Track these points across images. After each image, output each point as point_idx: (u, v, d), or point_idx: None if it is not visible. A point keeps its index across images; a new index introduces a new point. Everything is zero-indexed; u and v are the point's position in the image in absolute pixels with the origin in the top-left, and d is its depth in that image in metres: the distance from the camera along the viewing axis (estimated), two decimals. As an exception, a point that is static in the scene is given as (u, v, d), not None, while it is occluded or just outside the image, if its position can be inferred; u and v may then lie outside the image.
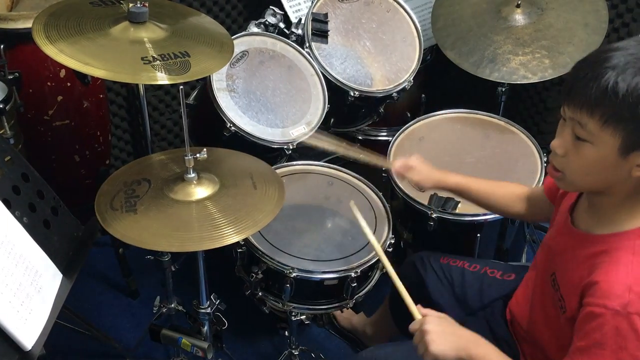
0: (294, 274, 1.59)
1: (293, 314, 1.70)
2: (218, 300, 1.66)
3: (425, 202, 1.79)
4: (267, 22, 2.04)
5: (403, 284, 1.64)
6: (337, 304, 1.71)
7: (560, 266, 1.20)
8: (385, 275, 1.35)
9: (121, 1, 1.55)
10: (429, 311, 1.23)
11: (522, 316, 1.38)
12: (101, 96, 2.08)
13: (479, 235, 1.78)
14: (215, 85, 1.85)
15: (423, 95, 2.51)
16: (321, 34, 2.04)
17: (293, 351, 1.85)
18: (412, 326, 1.21)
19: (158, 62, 1.38)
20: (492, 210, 1.55)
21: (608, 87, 0.99)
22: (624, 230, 1.09)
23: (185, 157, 1.40)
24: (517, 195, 1.48)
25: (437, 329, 1.17)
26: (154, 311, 1.84)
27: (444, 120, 2.04)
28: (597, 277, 1.06)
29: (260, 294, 1.71)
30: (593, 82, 1.00)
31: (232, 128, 1.81)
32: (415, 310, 1.23)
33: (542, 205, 1.40)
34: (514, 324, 1.41)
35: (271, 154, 1.88)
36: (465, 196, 1.54)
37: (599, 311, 1.05)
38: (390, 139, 2.01)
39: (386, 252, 1.70)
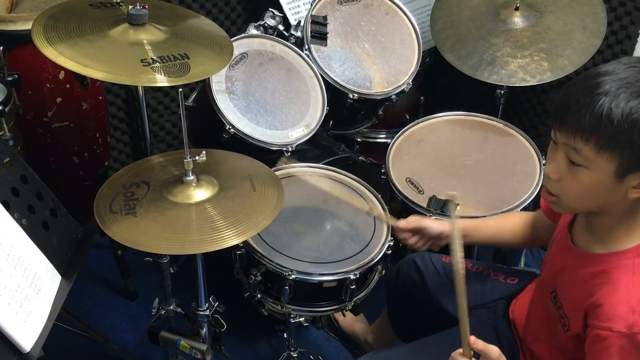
0: (293, 276, 1.59)
1: (292, 316, 1.70)
2: (217, 302, 1.66)
3: (424, 205, 1.79)
4: (266, 24, 2.05)
5: (402, 280, 1.65)
6: (336, 306, 1.71)
7: (560, 284, 1.21)
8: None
9: (120, 3, 1.55)
10: (485, 347, 1.15)
11: (520, 321, 1.38)
12: (100, 98, 2.08)
13: (477, 238, 1.78)
14: (215, 87, 1.85)
15: (422, 98, 2.51)
16: (320, 36, 2.05)
17: (292, 353, 1.85)
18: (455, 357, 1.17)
19: (157, 64, 1.38)
20: (502, 245, 1.54)
21: (602, 113, 0.99)
22: (623, 249, 1.10)
23: (185, 160, 1.40)
24: (522, 226, 1.47)
25: None
26: (153, 313, 1.84)
27: (442, 122, 2.05)
28: (600, 300, 1.07)
29: (259, 296, 1.71)
30: (586, 109, 1.00)
31: (231, 130, 1.81)
32: (466, 342, 1.17)
33: (546, 228, 1.39)
34: (515, 324, 1.41)
35: (270, 156, 1.88)
36: (474, 239, 1.51)
37: (605, 334, 1.06)
38: (389, 141, 2.01)
39: (385, 255, 1.71)
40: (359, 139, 2.39)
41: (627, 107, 0.98)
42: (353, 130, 2.30)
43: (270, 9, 2.07)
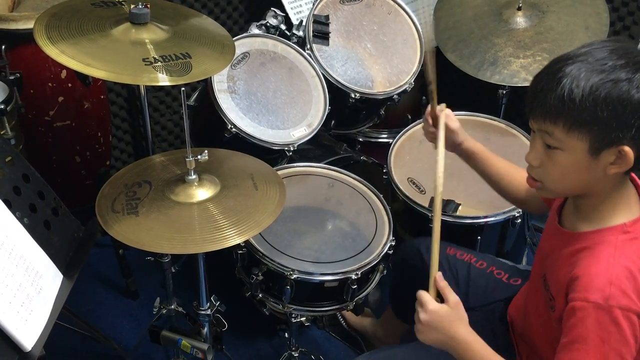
0: (294, 276, 1.59)
1: (293, 315, 1.70)
2: (218, 302, 1.66)
3: (426, 205, 1.79)
4: (268, 24, 2.05)
5: (406, 266, 1.64)
6: (337, 306, 1.71)
7: (549, 267, 1.22)
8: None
9: (123, 2, 1.55)
10: (444, 288, 1.20)
11: (518, 318, 1.38)
12: (102, 97, 2.08)
13: (479, 237, 1.78)
14: (216, 86, 1.85)
15: (424, 98, 2.50)
16: (322, 36, 2.05)
17: (293, 353, 1.85)
18: (418, 298, 1.21)
19: (159, 64, 1.38)
20: (498, 190, 1.52)
21: (565, 95, 1.03)
22: (607, 226, 1.12)
23: (187, 159, 1.40)
24: (520, 181, 1.45)
25: (431, 323, 1.18)
26: (154, 312, 1.84)
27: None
28: (579, 272, 1.09)
29: (260, 295, 1.71)
30: (551, 92, 1.05)
31: (233, 129, 1.81)
32: (433, 282, 1.22)
33: (539, 201, 1.41)
34: (513, 325, 1.41)
35: (272, 155, 1.88)
36: (481, 166, 1.50)
37: (580, 305, 1.06)
38: (391, 141, 2.00)
39: (386, 255, 1.71)
40: (360, 139, 2.39)
41: (588, 86, 1.01)
42: (355, 130, 2.29)
43: (272, 9, 2.07)
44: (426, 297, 1.20)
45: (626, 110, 1.01)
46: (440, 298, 1.21)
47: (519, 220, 1.78)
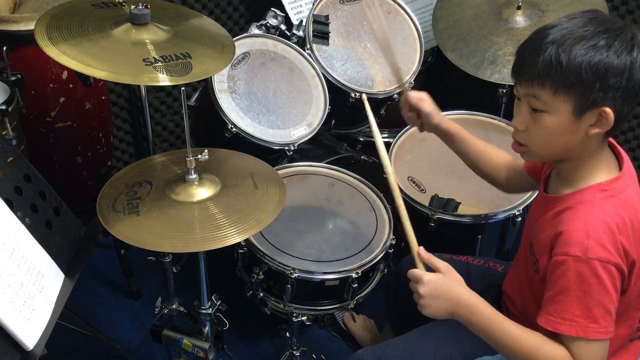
0: (295, 275, 1.59)
1: (294, 314, 1.71)
2: (219, 301, 1.66)
3: (426, 204, 1.79)
4: (268, 24, 2.05)
5: (401, 282, 1.64)
6: (338, 305, 1.72)
7: (534, 233, 1.26)
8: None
9: (123, 3, 1.56)
10: (430, 258, 1.24)
11: (514, 294, 1.40)
12: (103, 98, 2.09)
13: (479, 236, 1.78)
14: (217, 86, 1.86)
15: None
16: (322, 36, 2.05)
17: (294, 352, 1.85)
18: (410, 277, 1.22)
19: (160, 64, 1.39)
20: (475, 170, 1.56)
21: (552, 58, 1.09)
22: (586, 186, 1.17)
23: (187, 158, 1.41)
24: (503, 163, 1.51)
25: (432, 293, 1.20)
26: (156, 312, 1.84)
27: (444, 121, 2.04)
28: (560, 228, 1.14)
29: (261, 294, 1.72)
30: (538, 57, 1.11)
31: (233, 129, 1.82)
32: (418, 258, 1.25)
33: (521, 179, 1.46)
34: (507, 304, 1.42)
35: (272, 155, 1.89)
36: (459, 146, 1.54)
37: (562, 259, 1.12)
38: (391, 140, 2.01)
39: (387, 253, 1.71)
40: (361, 138, 2.39)
41: (573, 51, 1.08)
42: (355, 130, 2.30)
43: (272, 9, 2.07)
44: (418, 272, 1.22)
45: (607, 73, 1.08)
46: (430, 271, 1.23)
47: (520, 219, 1.79)
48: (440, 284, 1.21)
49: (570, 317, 1.11)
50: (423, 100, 1.52)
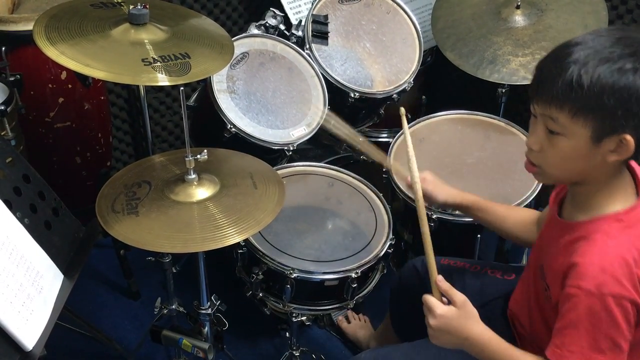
0: (295, 275, 1.59)
1: (294, 314, 1.70)
2: (219, 301, 1.66)
3: (426, 203, 1.79)
4: (267, 24, 2.05)
5: (404, 286, 1.65)
6: (337, 305, 1.71)
7: (545, 257, 1.23)
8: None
9: (122, 3, 1.56)
10: (449, 289, 1.20)
11: (522, 315, 1.38)
12: (102, 98, 2.09)
13: (479, 236, 1.78)
14: (216, 86, 1.85)
15: (423, 97, 2.51)
16: (321, 36, 2.05)
17: (294, 352, 1.85)
18: (424, 303, 1.20)
19: (158, 64, 1.39)
20: (502, 234, 1.53)
21: (573, 80, 1.03)
22: (602, 214, 1.13)
23: (186, 158, 1.41)
24: (529, 221, 1.47)
25: (442, 327, 1.18)
26: (155, 312, 1.84)
27: (444, 121, 2.05)
28: (575, 260, 1.10)
29: (260, 294, 1.72)
30: (558, 78, 1.05)
31: (233, 129, 1.82)
32: (435, 286, 1.21)
33: None
34: (515, 322, 1.41)
35: (271, 155, 1.89)
36: (479, 215, 1.52)
37: (573, 292, 1.08)
38: (390, 140, 2.01)
39: (386, 253, 1.71)
40: (360, 138, 2.38)
41: (596, 73, 1.02)
42: (354, 129, 2.29)
43: (271, 9, 2.07)
44: (432, 302, 1.19)
45: (631, 99, 1.02)
46: (446, 300, 1.21)
47: (519, 219, 1.78)
48: (453, 319, 1.18)
49: (577, 349, 1.09)
50: (425, 180, 1.49)
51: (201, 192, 1.42)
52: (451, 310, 1.18)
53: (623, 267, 1.06)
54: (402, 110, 1.53)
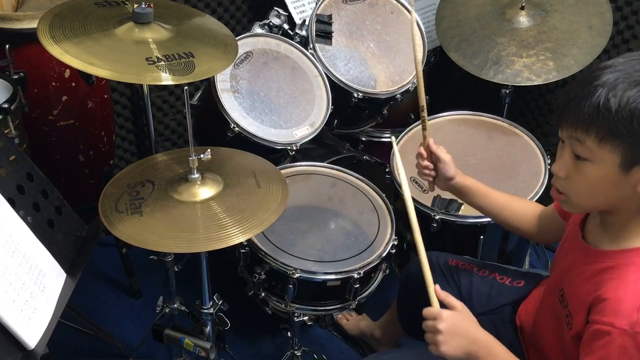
0: (297, 275, 1.59)
1: (296, 314, 1.70)
2: (221, 301, 1.66)
3: (429, 204, 1.79)
4: (271, 23, 2.05)
5: (412, 280, 1.64)
6: (339, 305, 1.71)
7: (568, 282, 1.19)
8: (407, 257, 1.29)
9: (126, 2, 1.56)
10: (446, 296, 1.20)
11: (528, 324, 1.38)
12: (105, 96, 2.09)
13: (482, 237, 1.78)
14: (219, 85, 1.85)
15: (427, 97, 2.50)
16: (325, 35, 2.05)
17: (295, 352, 1.85)
18: (426, 315, 1.19)
19: (162, 63, 1.39)
20: (501, 223, 1.51)
21: (600, 104, 0.99)
22: (634, 246, 1.08)
23: (190, 158, 1.41)
24: (532, 213, 1.44)
25: (451, 329, 1.16)
26: (157, 311, 1.84)
27: (447, 121, 2.04)
28: (606, 294, 1.06)
29: (263, 294, 1.71)
30: (585, 101, 1.01)
31: (236, 129, 1.81)
32: (434, 295, 1.20)
33: (553, 225, 1.38)
34: (522, 330, 1.41)
35: (274, 154, 1.89)
36: (479, 200, 1.48)
37: (606, 329, 1.04)
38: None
39: (389, 254, 1.71)
40: (363, 138, 2.39)
41: (625, 97, 0.98)
42: (358, 130, 2.30)
43: (275, 8, 2.07)
44: (435, 310, 1.18)
45: None
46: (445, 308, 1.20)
47: (522, 220, 1.78)
48: (460, 320, 1.18)
49: None
50: (441, 148, 1.47)
51: (204, 191, 1.41)
52: (455, 313, 1.18)
53: None
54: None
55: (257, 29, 2.00)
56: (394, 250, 1.71)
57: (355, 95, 1.99)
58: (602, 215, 1.15)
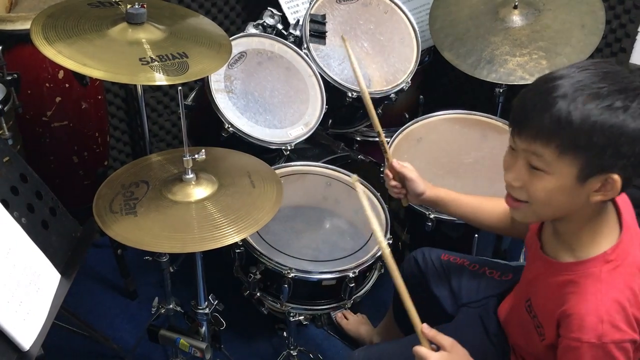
0: (292, 275, 1.59)
1: (291, 314, 1.70)
2: (216, 301, 1.66)
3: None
4: (265, 24, 2.05)
5: (405, 278, 1.65)
6: (335, 305, 1.71)
7: (534, 293, 1.21)
8: (388, 276, 1.29)
9: (119, 2, 1.55)
10: (435, 335, 1.18)
11: (501, 322, 1.40)
12: (99, 97, 2.08)
13: (476, 235, 1.78)
14: (214, 86, 1.85)
15: (421, 96, 2.52)
16: (319, 35, 2.05)
17: (291, 352, 1.85)
18: (416, 354, 1.18)
19: (156, 63, 1.38)
20: (479, 226, 1.52)
21: (561, 116, 0.98)
22: (589, 257, 1.10)
23: (184, 158, 1.41)
24: (501, 210, 1.45)
25: None
26: (152, 312, 1.84)
27: (441, 121, 2.05)
28: (569, 310, 1.08)
29: (258, 294, 1.72)
30: (545, 112, 1.00)
31: (230, 129, 1.81)
32: (421, 336, 1.19)
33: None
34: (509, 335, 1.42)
35: (269, 154, 1.89)
36: (453, 208, 1.49)
37: (575, 345, 1.07)
38: (388, 139, 2.01)
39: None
40: (358, 138, 2.39)
41: (586, 110, 0.97)
42: (352, 129, 2.30)
43: (269, 8, 2.07)
44: (423, 351, 1.17)
45: (621, 139, 0.98)
46: (435, 346, 1.20)
47: (516, 218, 1.78)
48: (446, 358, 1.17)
49: None
50: (406, 167, 1.48)
51: (199, 191, 1.41)
52: (442, 355, 1.17)
53: (619, 311, 1.05)
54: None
55: (251, 29, 2.00)
56: (388, 250, 1.71)
57: (350, 94, 1.99)
58: (554, 224, 1.16)
